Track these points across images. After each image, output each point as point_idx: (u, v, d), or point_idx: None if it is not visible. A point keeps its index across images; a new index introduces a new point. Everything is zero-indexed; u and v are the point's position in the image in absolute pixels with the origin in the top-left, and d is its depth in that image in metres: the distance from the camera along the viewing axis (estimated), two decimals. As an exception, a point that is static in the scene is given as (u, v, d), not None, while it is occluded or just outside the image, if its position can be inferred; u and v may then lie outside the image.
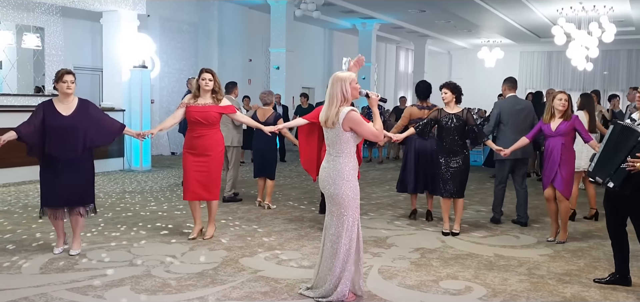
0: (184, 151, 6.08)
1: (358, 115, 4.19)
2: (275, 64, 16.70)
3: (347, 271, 4.26)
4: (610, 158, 4.55)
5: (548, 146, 6.21)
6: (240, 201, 8.33)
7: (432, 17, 18.99)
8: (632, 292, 4.73)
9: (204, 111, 5.89)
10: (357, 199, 4.28)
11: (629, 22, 18.09)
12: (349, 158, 4.25)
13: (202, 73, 5.97)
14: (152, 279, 4.77)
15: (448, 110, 6.51)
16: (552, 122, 6.18)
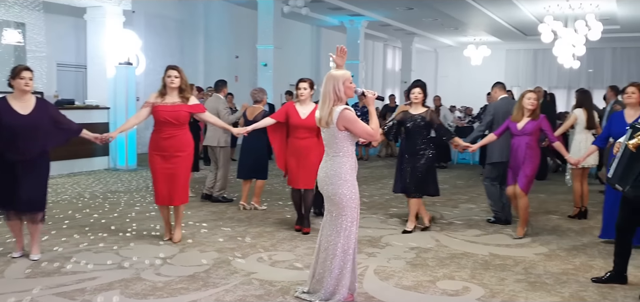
0: (151, 152, 5.76)
1: (352, 113, 4.07)
2: (263, 61, 16.51)
3: (345, 273, 4.15)
4: (629, 165, 4.45)
5: (513, 144, 6.29)
6: (231, 202, 8.18)
7: (420, 15, 18.93)
8: (629, 290, 4.69)
9: (174, 111, 5.65)
10: (356, 200, 4.17)
11: (614, 20, 18.18)
12: (347, 158, 4.14)
13: (168, 70, 5.69)
14: (142, 282, 4.62)
15: (413, 111, 6.45)
16: (518, 122, 6.27)
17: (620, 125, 5.89)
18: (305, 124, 6.18)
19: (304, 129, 6.19)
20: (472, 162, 13.76)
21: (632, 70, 24.23)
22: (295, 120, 6.21)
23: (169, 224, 5.99)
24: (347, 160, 4.13)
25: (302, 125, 6.19)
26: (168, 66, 5.79)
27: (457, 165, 13.93)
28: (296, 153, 6.25)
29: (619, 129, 5.83)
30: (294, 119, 6.22)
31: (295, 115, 6.23)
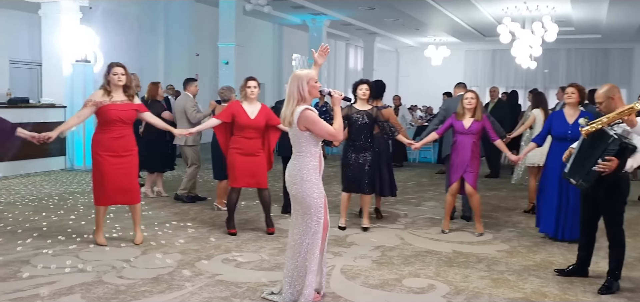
0: (100, 153, 5.52)
1: (313, 114, 4.03)
2: (224, 59, 16.32)
3: (311, 274, 4.13)
4: (583, 160, 4.59)
5: (460, 142, 6.40)
6: (203, 200, 8.05)
7: (381, 15, 19.05)
8: (588, 285, 4.81)
9: (125, 109, 5.52)
10: (321, 200, 4.13)
11: (569, 22, 18.69)
12: (309, 158, 4.10)
13: (114, 67, 5.53)
14: (104, 285, 4.50)
15: (359, 107, 6.47)
16: (464, 120, 6.39)
17: (560, 124, 6.13)
18: (254, 124, 6.10)
19: (253, 129, 6.12)
20: (433, 161, 13.92)
21: (586, 70, 24.97)
22: (244, 120, 6.09)
23: (102, 226, 5.78)
24: (309, 160, 4.09)
25: (251, 125, 6.10)
26: (113, 63, 5.60)
27: (419, 163, 14.08)
28: (245, 153, 6.12)
29: (559, 127, 6.12)
30: (243, 119, 6.09)
31: (243, 115, 6.10)
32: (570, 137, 5.87)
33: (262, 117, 6.16)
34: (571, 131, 5.98)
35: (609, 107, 4.61)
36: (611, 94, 4.63)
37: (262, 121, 6.16)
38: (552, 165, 6.18)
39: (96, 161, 5.59)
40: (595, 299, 4.52)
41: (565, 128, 6.09)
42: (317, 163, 4.14)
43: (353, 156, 6.51)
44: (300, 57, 23.10)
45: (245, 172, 6.14)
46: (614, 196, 4.61)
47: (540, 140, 6.42)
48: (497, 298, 4.51)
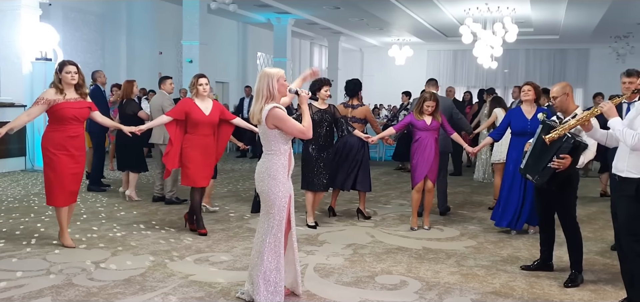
0: (54, 152, 5.36)
1: (281, 112, 4.03)
2: (188, 57, 16.16)
3: (273, 272, 4.12)
4: (538, 157, 4.73)
5: (422, 140, 6.54)
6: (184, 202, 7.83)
7: (346, 15, 19.16)
8: (554, 279, 4.97)
9: (80, 107, 5.43)
10: (285, 199, 4.13)
11: (529, 23, 19.18)
12: (278, 156, 4.11)
13: (66, 66, 5.41)
14: (75, 288, 4.42)
15: (318, 106, 6.53)
16: (425, 118, 6.54)
17: (519, 120, 6.37)
18: (209, 120, 6.07)
19: (208, 125, 6.09)
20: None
21: (544, 70, 25.65)
22: (199, 116, 6.03)
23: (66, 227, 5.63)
24: (278, 159, 4.10)
25: (206, 122, 6.06)
26: (65, 61, 5.48)
27: (386, 162, 14.22)
28: (200, 151, 6.07)
29: (519, 123, 6.35)
30: (197, 116, 6.02)
31: (197, 111, 6.04)
32: (530, 131, 6.11)
33: (216, 114, 6.15)
34: (531, 126, 6.21)
35: (563, 103, 4.79)
36: (566, 90, 4.81)
37: (216, 117, 6.14)
38: (512, 159, 6.39)
39: (50, 159, 5.41)
40: (561, 292, 4.67)
41: (525, 124, 6.33)
42: (285, 162, 4.14)
43: (313, 154, 6.55)
44: (264, 55, 23.02)
45: (201, 171, 6.10)
46: (566, 191, 4.78)
47: (497, 135, 6.61)
48: (467, 293, 4.61)
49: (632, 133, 3.76)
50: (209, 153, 6.16)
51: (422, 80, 27.70)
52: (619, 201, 3.97)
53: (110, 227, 6.43)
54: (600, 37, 20.93)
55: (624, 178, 3.89)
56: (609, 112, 3.90)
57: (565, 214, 4.80)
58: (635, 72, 5.77)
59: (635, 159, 3.82)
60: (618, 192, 4.00)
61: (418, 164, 6.60)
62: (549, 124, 4.71)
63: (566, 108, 4.78)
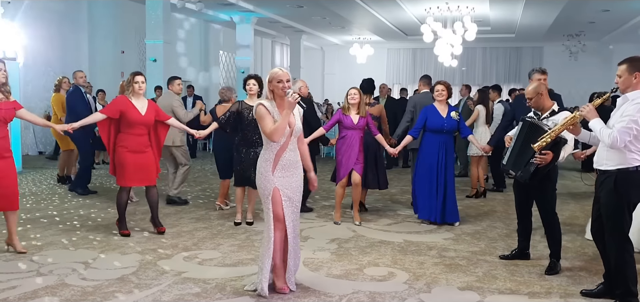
0: None
1: (261, 109, 4.19)
2: (152, 56, 15.97)
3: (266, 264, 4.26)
4: (520, 153, 4.95)
5: (349, 137, 6.73)
6: (186, 204, 7.86)
7: (309, 13, 19.26)
8: (531, 266, 5.23)
9: (6, 108, 5.14)
10: (270, 193, 4.26)
11: (487, 22, 19.71)
12: (265, 150, 4.30)
13: None
14: (69, 288, 4.41)
15: (250, 102, 6.54)
16: (351, 116, 6.72)
17: (435, 118, 6.71)
18: (144, 120, 5.96)
19: (143, 125, 5.98)
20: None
21: (500, 67, 26.39)
22: (134, 116, 5.90)
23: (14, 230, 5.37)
24: (265, 153, 4.29)
25: (141, 122, 5.94)
26: None
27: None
28: (133, 150, 5.93)
29: (435, 121, 6.72)
30: (133, 115, 5.90)
31: (133, 110, 5.91)
32: (446, 129, 6.68)
33: (152, 113, 6.05)
34: (447, 124, 6.68)
35: (538, 103, 5.04)
36: (538, 90, 5.06)
37: (152, 117, 6.05)
38: (428, 155, 6.74)
39: None
40: (541, 279, 4.92)
41: (441, 122, 6.71)
42: (271, 157, 4.25)
43: (244, 151, 6.53)
44: (227, 54, 22.92)
45: (135, 171, 5.97)
46: (546, 184, 5.04)
47: (416, 133, 6.90)
48: (453, 282, 4.81)
49: (609, 132, 3.99)
50: (145, 152, 6.01)
51: (382, 79, 28.15)
52: (601, 192, 4.21)
53: (92, 228, 6.39)
54: (554, 35, 21.68)
55: (604, 170, 4.14)
56: (589, 114, 4.12)
57: (545, 207, 5.06)
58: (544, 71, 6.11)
59: (612, 151, 4.06)
60: (599, 184, 4.24)
61: (342, 161, 6.76)
62: (531, 122, 4.92)
63: (542, 106, 5.03)
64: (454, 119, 6.74)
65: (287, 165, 4.30)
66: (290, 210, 4.33)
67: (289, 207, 4.32)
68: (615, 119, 4.05)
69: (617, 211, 4.05)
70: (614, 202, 4.05)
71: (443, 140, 6.74)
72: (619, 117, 3.98)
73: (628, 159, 3.97)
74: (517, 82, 25.88)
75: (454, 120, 6.75)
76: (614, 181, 4.04)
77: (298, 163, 4.40)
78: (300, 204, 4.49)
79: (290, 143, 4.31)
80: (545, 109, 5.02)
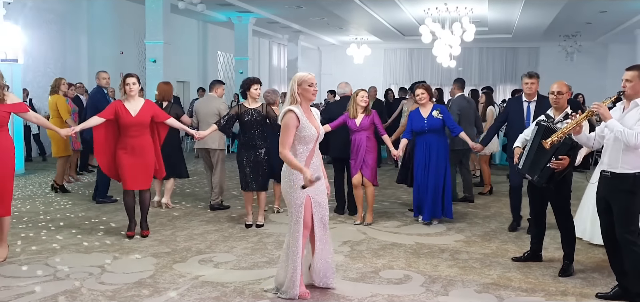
0: None
1: (287, 119, 4.18)
2: (152, 57, 15.94)
3: (294, 270, 4.29)
4: (537, 157, 4.97)
5: (355, 140, 6.82)
6: (228, 208, 7.79)
7: (308, 14, 19.28)
8: (544, 268, 5.27)
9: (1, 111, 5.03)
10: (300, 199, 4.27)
11: (485, 23, 19.80)
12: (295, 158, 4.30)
13: None
14: (89, 292, 4.41)
15: (248, 105, 6.57)
16: (356, 119, 6.78)
17: (418, 121, 6.86)
18: (136, 121, 5.91)
19: (136, 126, 5.92)
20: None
21: (497, 68, 26.52)
22: (126, 118, 5.88)
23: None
24: None
25: (133, 123, 5.90)
26: None
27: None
28: (130, 152, 5.92)
29: (417, 124, 6.85)
30: (125, 118, 5.88)
31: (125, 113, 5.88)
32: (428, 129, 6.79)
33: (146, 114, 5.98)
34: (427, 125, 6.79)
35: (562, 101, 5.10)
36: (564, 89, 5.12)
37: (146, 117, 5.97)
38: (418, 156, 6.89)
39: None
40: (555, 281, 4.96)
41: (422, 123, 6.82)
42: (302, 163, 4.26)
43: (246, 154, 6.56)
44: (225, 54, 22.89)
45: (133, 173, 5.94)
46: (562, 188, 5.08)
47: (409, 135, 7.00)
48: (469, 284, 4.84)
49: (633, 133, 4.04)
50: (142, 155, 5.96)
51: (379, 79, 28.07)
52: (614, 195, 4.24)
53: (104, 233, 6.38)
54: (550, 36, 21.80)
55: (619, 174, 4.17)
56: (605, 114, 4.18)
57: (561, 210, 5.09)
58: (536, 75, 6.46)
59: (630, 155, 4.10)
60: (612, 188, 4.27)
61: (353, 160, 6.88)
62: (547, 126, 4.96)
63: (562, 105, 5.07)
64: (436, 118, 6.79)
65: (315, 170, 4.31)
66: (320, 214, 4.38)
67: (319, 211, 4.37)
68: (629, 122, 4.11)
69: (634, 213, 4.10)
70: (631, 205, 4.09)
71: (427, 140, 6.84)
72: (634, 122, 4.03)
73: None
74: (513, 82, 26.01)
75: (437, 119, 6.79)
76: (631, 184, 4.08)
77: (322, 167, 4.46)
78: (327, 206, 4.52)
79: (315, 149, 4.36)
80: (563, 110, 5.07)
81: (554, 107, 5.15)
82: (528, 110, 6.48)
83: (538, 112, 6.22)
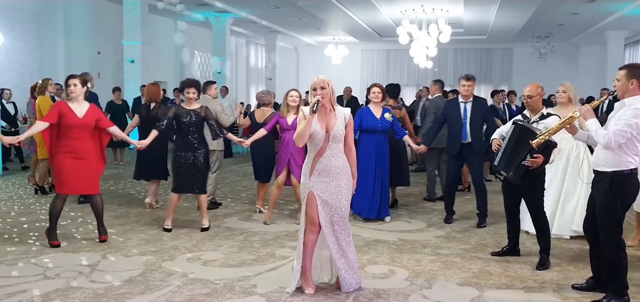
0: None
1: (301, 115, 4.36)
2: (129, 57, 15.89)
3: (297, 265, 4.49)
4: (512, 155, 5.17)
5: (284, 138, 6.86)
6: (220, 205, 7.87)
7: (286, 14, 19.38)
8: (523, 262, 5.47)
9: None
10: (303, 191, 4.48)
11: (460, 24, 20.16)
12: (308, 155, 4.49)
13: None
14: (80, 290, 4.46)
15: (186, 106, 6.48)
16: (288, 117, 6.87)
17: (369, 119, 7.05)
18: (82, 123, 5.73)
19: (82, 128, 5.75)
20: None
21: (471, 68, 26.89)
22: (72, 119, 5.68)
23: None
24: (306, 157, 4.51)
25: (79, 125, 5.72)
26: None
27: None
28: (72, 155, 5.70)
29: (369, 122, 7.06)
30: (70, 118, 5.67)
31: (70, 113, 5.69)
32: (380, 129, 7.01)
33: (91, 117, 5.81)
34: (381, 124, 7.02)
35: (537, 103, 5.32)
36: (539, 92, 5.34)
37: (91, 120, 5.81)
38: (364, 154, 6.99)
39: None
40: (533, 274, 5.16)
41: (376, 122, 7.04)
42: (310, 161, 4.45)
43: (183, 156, 6.42)
44: (202, 54, 22.85)
45: (74, 177, 5.72)
46: (536, 185, 5.29)
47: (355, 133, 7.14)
48: (452, 278, 5.02)
49: (604, 133, 4.23)
50: (85, 158, 5.76)
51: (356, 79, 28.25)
52: (596, 192, 4.45)
53: (90, 232, 6.40)
54: (524, 37, 22.27)
55: (600, 172, 4.38)
56: (586, 114, 4.37)
57: (534, 205, 5.30)
58: (472, 77, 6.88)
59: (609, 154, 4.29)
60: (595, 184, 4.48)
61: (278, 159, 6.95)
62: (523, 125, 5.15)
63: (536, 108, 5.29)
64: (387, 121, 7.04)
65: (325, 170, 4.38)
66: (328, 214, 4.41)
67: (326, 211, 4.41)
68: (613, 122, 4.29)
69: (612, 210, 4.28)
70: (610, 202, 4.28)
71: (378, 140, 7.02)
72: (616, 121, 4.22)
73: (623, 162, 4.22)
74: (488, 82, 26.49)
75: (387, 122, 7.04)
76: (610, 182, 4.27)
77: (339, 169, 4.42)
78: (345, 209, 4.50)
79: (327, 149, 4.38)
80: (538, 111, 5.28)
81: (529, 110, 5.36)
82: (464, 110, 6.90)
83: (474, 112, 6.83)
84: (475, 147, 6.86)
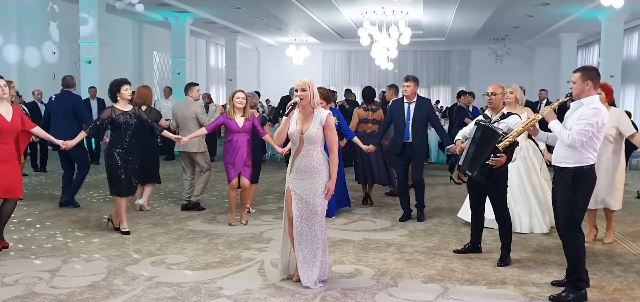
0: None
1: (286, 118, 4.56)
2: (87, 57, 15.53)
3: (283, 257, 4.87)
4: (475, 155, 5.28)
5: (236, 140, 6.74)
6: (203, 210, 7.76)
7: (246, 14, 19.27)
8: (484, 259, 5.60)
9: None
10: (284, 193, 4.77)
11: (420, 26, 20.45)
12: None
13: None
14: (41, 297, 4.34)
15: (121, 107, 6.33)
16: (236, 119, 6.80)
17: None
18: (11, 127, 5.51)
19: (10, 132, 5.52)
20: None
21: (431, 69, 27.42)
22: (2, 124, 5.44)
23: None
24: None
25: (8, 129, 5.48)
26: None
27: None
28: (2, 160, 5.45)
29: None
30: (1, 123, 5.44)
31: (1, 119, 5.44)
32: None
33: (18, 120, 5.61)
34: None
35: (499, 102, 5.48)
36: (501, 90, 5.51)
37: (19, 124, 5.61)
38: None
39: None
40: (495, 270, 5.29)
41: None
42: (291, 159, 4.67)
43: (118, 159, 6.27)
44: (161, 54, 22.52)
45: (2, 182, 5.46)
46: (499, 183, 5.42)
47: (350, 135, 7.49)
48: (416, 276, 5.09)
49: (568, 133, 4.38)
50: (10, 162, 5.53)
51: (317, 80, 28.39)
52: (558, 188, 4.58)
53: (50, 238, 6.23)
54: (481, 39, 22.76)
55: (562, 168, 4.52)
56: (548, 116, 4.52)
57: (498, 203, 5.44)
58: (412, 78, 7.16)
59: (570, 151, 4.43)
60: (556, 181, 4.62)
61: (231, 163, 6.77)
62: (485, 125, 5.27)
63: (497, 106, 5.43)
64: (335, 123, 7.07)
65: (300, 169, 4.58)
66: (300, 209, 4.59)
67: (299, 205, 4.59)
68: (572, 121, 4.44)
69: (573, 204, 4.43)
70: (571, 197, 4.42)
71: None
72: (576, 120, 4.37)
73: (584, 158, 4.38)
74: (446, 83, 26.97)
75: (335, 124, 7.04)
76: (571, 177, 4.41)
77: (314, 169, 4.55)
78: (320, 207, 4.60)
79: (302, 149, 4.56)
80: (499, 110, 5.42)
81: (490, 108, 5.50)
82: (408, 110, 7.15)
83: (417, 112, 7.07)
84: (416, 146, 7.11)
